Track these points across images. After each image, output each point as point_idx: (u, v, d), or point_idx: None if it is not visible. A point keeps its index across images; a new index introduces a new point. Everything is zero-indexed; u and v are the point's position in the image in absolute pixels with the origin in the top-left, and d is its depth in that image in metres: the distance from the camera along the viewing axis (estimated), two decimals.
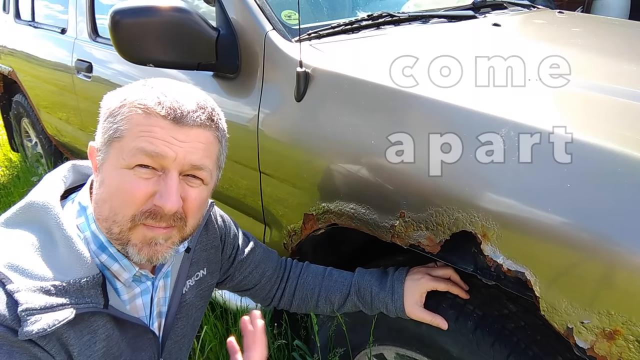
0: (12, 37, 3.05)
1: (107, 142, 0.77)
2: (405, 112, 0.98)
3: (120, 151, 0.75)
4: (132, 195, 0.75)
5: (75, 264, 0.74)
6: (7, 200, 3.05)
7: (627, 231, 0.68)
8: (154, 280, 0.88)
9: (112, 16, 1.17)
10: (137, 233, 0.77)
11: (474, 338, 0.96)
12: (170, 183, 0.75)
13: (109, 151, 0.77)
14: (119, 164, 0.75)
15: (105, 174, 0.77)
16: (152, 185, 0.75)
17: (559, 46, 1.38)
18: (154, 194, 0.76)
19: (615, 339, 0.70)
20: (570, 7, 2.47)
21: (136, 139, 0.74)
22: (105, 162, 0.77)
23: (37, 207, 0.78)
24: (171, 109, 0.75)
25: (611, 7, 4.27)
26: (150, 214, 0.76)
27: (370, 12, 1.43)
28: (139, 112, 0.75)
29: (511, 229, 0.79)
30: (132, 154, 0.74)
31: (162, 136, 0.74)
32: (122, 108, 0.76)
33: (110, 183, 0.76)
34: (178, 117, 0.75)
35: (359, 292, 1.09)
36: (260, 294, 1.16)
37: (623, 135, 0.80)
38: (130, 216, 0.75)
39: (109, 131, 0.76)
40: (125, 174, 0.75)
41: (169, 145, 0.75)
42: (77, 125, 2.43)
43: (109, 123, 0.77)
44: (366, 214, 1.03)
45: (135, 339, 0.85)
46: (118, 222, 0.76)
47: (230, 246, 1.10)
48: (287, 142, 1.20)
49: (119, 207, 0.75)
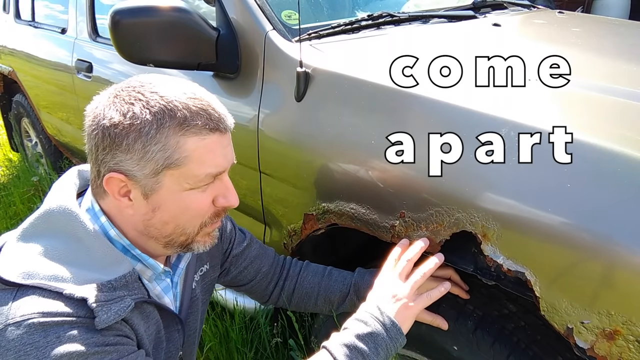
0: (12, 37, 3.05)
1: (159, 171, 0.75)
2: (405, 112, 0.98)
3: (183, 177, 0.77)
4: (202, 211, 0.81)
5: (114, 264, 0.77)
6: (7, 200, 3.05)
7: (627, 231, 0.68)
8: (172, 277, 0.90)
9: (112, 16, 1.17)
10: (202, 232, 0.84)
11: (474, 338, 0.96)
12: (229, 185, 0.83)
13: (161, 179, 0.76)
14: (181, 188, 0.77)
15: (163, 200, 0.78)
16: (210, 193, 0.81)
17: (559, 46, 1.38)
18: (213, 200, 0.82)
19: (615, 339, 0.70)
20: (570, 7, 2.47)
21: (201, 164, 0.77)
22: (158, 190, 0.77)
23: (59, 214, 0.77)
24: (215, 121, 0.77)
25: (611, 7, 4.27)
26: (216, 214, 0.84)
27: (370, 12, 1.43)
28: (190, 136, 0.75)
29: (511, 229, 0.79)
30: (201, 179, 0.78)
31: (220, 152, 0.79)
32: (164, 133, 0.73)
33: (173, 207, 0.78)
34: (222, 128, 0.79)
35: (359, 292, 1.09)
36: (256, 290, 1.17)
37: (623, 135, 0.80)
38: (199, 224, 0.82)
39: (159, 161, 0.74)
40: (190, 195, 0.78)
41: (224, 157, 0.81)
42: (77, 125, 2.43)
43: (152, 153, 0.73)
44: (366, 214, 1.03)
45: (169, 328, 0.89)
46: (187, 234, 0.82)
47: (226, 240, 1.11)
48: (287, 142, 1.20)
49: (187, 223, 0.81)
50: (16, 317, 0.67)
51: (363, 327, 0.84)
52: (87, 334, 0.69)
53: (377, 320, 0.85)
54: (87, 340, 0.68)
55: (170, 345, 0.89)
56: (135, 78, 0.79)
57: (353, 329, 0.84)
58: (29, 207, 2.91)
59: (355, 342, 0.82)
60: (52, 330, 0.67)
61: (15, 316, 0.67)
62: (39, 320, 0.67)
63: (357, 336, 0.83)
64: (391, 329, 0.84)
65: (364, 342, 0.82)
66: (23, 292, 0.69)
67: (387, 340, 0.83)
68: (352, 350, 0.81)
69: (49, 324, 0.67)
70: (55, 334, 0.67)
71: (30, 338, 0.66)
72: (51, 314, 0.68)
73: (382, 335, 0.83)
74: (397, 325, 0.85)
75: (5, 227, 2.72)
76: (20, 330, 0.66)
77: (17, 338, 0.65)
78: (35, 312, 0.67)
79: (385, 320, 0.85)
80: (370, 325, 0.84)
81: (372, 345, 0.82)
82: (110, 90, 0.79)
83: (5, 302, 0.69)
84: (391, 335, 0.84)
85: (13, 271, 0.71)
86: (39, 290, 0.69)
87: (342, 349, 0.82)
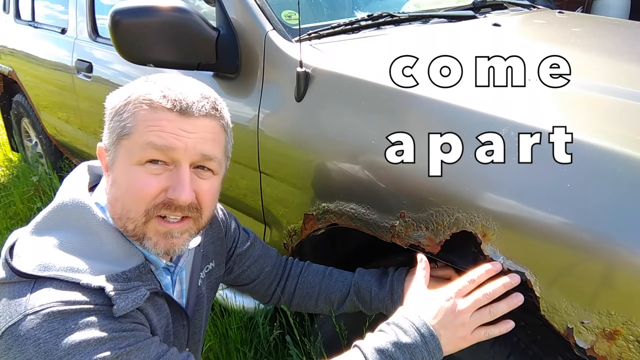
0: (12, 37, 3.05)
1: (116, 141, 0.77)
2: (405, 112, 0.98)
3: (130, 148, 0.76)
4: (144, 193, 0.76)
5: (126, 256, 0.78)
6: (7, 200, 3.05)
7: (627, 231, 0.68)
8: (172, 275, 0.91)
9: (112, 16, 1.18)
10: (151, 226, 0.78)
11: None
12: (183, 175, 0.76)
13: (118, 150, 0.77)
14: (129, 161, 0.76)
15: (116, 173, 0.78)
16: (163, 180, 0.76)
17: (559, 46, 1.38)
18: (166, 189, 0.77)
19: (615, 339, 0.71)
20: (570, 7, 2.47)
21: (145, 134, 0.75)
22: (115, 162, 0.78)
23: (73, 207, 0.78)
24: (176, 101, 0.76)
25: (611, 7, 4.27)
26: (164, 205, 0.77)
27: (370, 12, 1.43)
28: (144, 108, 0.75)
29: (511, 229, 0.79)
30: (142, 149, 0.75)
31: (170, 129, 0.75)
32: (127, 105, 0.76)
33: (122, 182, 0.77)
34: (184, 108, 0.76)
35: (359, 292, 1.09)
36: (259, 289, 1.17)
37: (623, 135, 0.80)
38: (144, 211, 0.77)
39: (117, 130, 0.77)
40: (136, 171, 0.76)
41: (177, 137, 0.75)
42: (77, 125, 2.43)
43: (115, 122, 0.77)
44: (366, 214, 1.03)
45: (176, 323, 0.89)
46: (132, 219, 0.77)
47: (230, 239, 1.11)
48: (287, 142, 1.20)
49: (131, 204, 0.77)
50: (35, 306, 0.68)
51: (402, 336, 0.79)
52: (105, 320, 0.70)
53: (417, 330, 0.80)
54: (105, 326, 0.70)
55: (175, 340, 0.90)
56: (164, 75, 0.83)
57: (391, 336, 0.80)
58: (29, 207, 2.91)
59: (392, 351, 0.78)
60: (70, 318, 0.68)
61: (34, 306, 0.68)
62: (58, 308, 0.68)
63: (394, 344, 0.78)
64: (430, 343, 0.79)
65: (402, 352, 0.78)
66: (40, 283, 0.70)
67: (424, 354, 0.79)
68: (388, 358, 0.78)
69: (67, 312, 0.68)
70: (73, 321, 0.68)
71: (49, 326, 0.66)
72: (69, 303, 0.69)
73: (420, 347, 0.79)
74: (437, 340, 0.80)
75: (5, 227, 2.72)
76: (39, 319, 0.67)
77: (36, 326, 0.66)
78: (53, 301, 0.68)
79: (425, 332, 0.80)
80: (410, 335, 0.79)
81: (409, 357, 0.78)
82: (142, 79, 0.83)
83: (24, 293, 0.70)
84: (430, 349, 0.79)
85: (29, 264, 0.72)
86: (56, 281, 0.70)
87: (377, 355, 0.78)
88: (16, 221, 2.81)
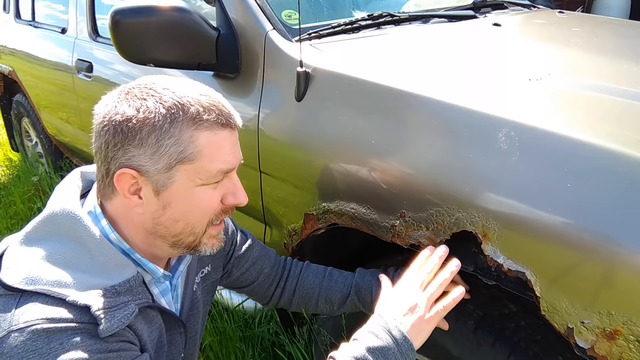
0: (12, 37, 3.05)
1: (173, 165, 0.75)
2: (405, 112, 0.98)
3: (195, 172, 0.77)
4: (211, 208, 0.81)
5: (117, 268, 0.77)
6: (7, 200, 3.05)
7: (627, 231, 0.68)
8: (171, 280, 0.90)
9: (113, 16, 1.17)
10: (208, 234, 0.83)
11: (475, 338, 0.96)
12: (238, 183, 0.84)
13: (174, 174, 0.76)
14: (193, 184, 0.77)
15: (174, 196, 0.77)
16: (220, 191, 0.81)
17: (559, 46, 1.38)
18: (222, 198, 0.82)
19: (616, 339, 0.71)
20: (570, 7, 2.47)
21: (213, 159, 0.77)
22: (170, 185, 0.76)
23: (63, 217, 0.77)
24: (226, 117, 0.79)
25: (611, 7, 4.27)
26: (224, 212, 0.83)
27: (370, 12, 1.43)
28: (202, 130, 0.76)
29: (512, 229, 0.79)
30: (213, 175, 0.78)
31: (229, 149, 0.80)
32: (178, 127, 0.74)
33: (185, 203, 0.78)
34: (233, 124, 0.80)
35: (359, 292, 1.09)
36: (258, 291, 1.16)
37: (623, 135, 0.80)
38: (207, 222, 0.82)
39: (173, 155, 0.74)
40: (201, 191, 0.78)
41: (234, 154, 0.81)
42: (77, 125, 2.43)
43: (166, 147, 0.73)
44: (366, 213, 1.03)
45: (171, 331, 0.89)
46: (195, 233, 0.81)
47: (228, 242, 1.10)
48: (288, 142, 1.20)
49: (197, 220, 0.80)
50: (19, 323, 0.66)
51: (374, 340, 0.80)
52: (90, 340, 0.69)
53: (389, 333, 0.81)
54: (90, 347, 0.68)
55: (172, 348, 0.89)
56: (145, 77, 0.80)
57: (364, 342, 0.81)
58: (29, 207, 2.91)
59: (366, 356, 0.79)
60: (55, 337, 0.66)
61: (18, 322, 0.66)
62: (42, 326, 0.66)
63: (367, 349, 0.79)
64: (402, 344, 0.81)
65: (374, 356, 0.79)
66: (26, 298, 0.69)
67: (397, 355, 0.80)
68: None
69: (52, 330, 0.66)
70: (58, 341, 0.66)
71: (33, 344, 0.65)
72: (54, 320, 0.67)
73: (394, 349, 0.80)
74: (409, 341, 0.81)
75: (5, 227, 2.72)
76: (23, 337, 0.65)
77: (20, 345, 0.65)
78: (38, 319, 0.67)
79: (397, 335, 0.81)
80: (382, 338, 0.81)
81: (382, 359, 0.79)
82: (119, 88, 0.78)
83: (9, 308, 0.68)
84: (402, 350, 0.81)
85: (16, 277, 0.70)
86: (43, 296, 0.69)
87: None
88: (16, 221, 2.82)
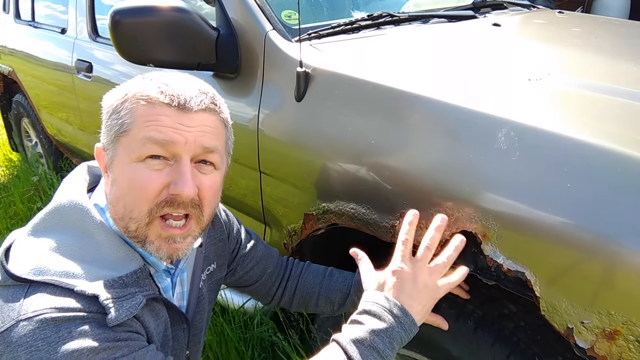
0: (12, 37, 3.05)
1: (114, 139, 0.76)
2: (405, 112, 0.98)
3: (129, 145, 0.75)
4: (146, 189, 0.74)
5: (124, 260, 0.77)
6: (7, 200, 3.05)
7: (627, 231, 0.68)
8: (172, 277, 0.90)
9: (112, 16, 1.17)
10: (154, 230, 0.77)
11: (474, 338, 0.96)
12: (184, 169, 0.75)
13: (116, 148, 0.76)
14: (128, 158, 0.75)
15: (116, 172, 0.77)
16: (164, 176, 0.75)
17: (558, 46, 1.38)
18: (168, 185, 0.75)
19: (616, 339, 0.70)
20: (570, 7, 2.47)
21: (143, 129, 0.74)
22: (114, 160, 0.77)
23: (70, 209, 0.77)
24: (174, 96, 0.75)
25: (611, 7, 4.27)
26: (167, 202, 0.76)
27: (370, 12, 1.43)
28: (142, 104, 0.75)
29: (511, 228, 0.79)
30: (142, 144, 0.74)
31: (169, 123, 0.75)
32: (125, 103, 0.76)
33: (122, 180, 0.76)
34: (182, 103, 0.75)
35: (359, 292, 1.09)
36: (260, 291, 1.17)
37: (623, 135, 0.80)
38: (147, 210, 0.75)
39: (114, 127, 0.76)
40: (137, 167, 0.75)
41: (177, 131, 0.75)
42: (77, 125, 2.43)
43: (113, 120, 0.77)
44: (366, 214, 1.03)
45: (175, 326, 0.88)
46: (134, 219, 0.76)
47: (233, 240, 1.11)
48: (287, 142, 1.20)
49: (134, 202, 0.75)
50: (28, 312, 0.67)
51: (378, 323, 0.79)
52: (99, 329, 0.69)
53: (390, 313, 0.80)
54: (98, 335, 0.68)
55: (175, 344, 0.89)
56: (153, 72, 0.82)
57: (367, 325, 0.79)
58: (29, 207, 2.91)
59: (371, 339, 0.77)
60: (64, 326, 0.67)
61: (27, 312, 0.67)
62: (51, 315, 0.67)
63: (372, 332, 0.78)
64: (405, 322, 0.80)
65: (380, 338, 0.78)
66: (35, 288, 0.69)
67: (402, 334, 0.79)
68: (368, 348, 0.77)
69: (60, 319, 0.67)
70: (67, 329, 0.67)
71: (42, 333, 0.66)
72: (63, 309, 0.68)
73: (397, 329, 0.79)
74: (411, 317, 0.81)
75: (5, 227, 2.72)
76: (32, 326, 0.66)
77: (28, 333, 0.65)
78: (47, 308, 0.67)
79: (398, 313, 0.80)
80: (385, 320, 0.79)
81: (388, 341, 0.78)
82: None
83: (17, 298, 0.69)
84: (406, 328, 0.80)
85: (24, 267, 0.71)
86: (51, 286, 0.69)
87: (356, 347, 0.77)
88: (16, 221, 2.81)
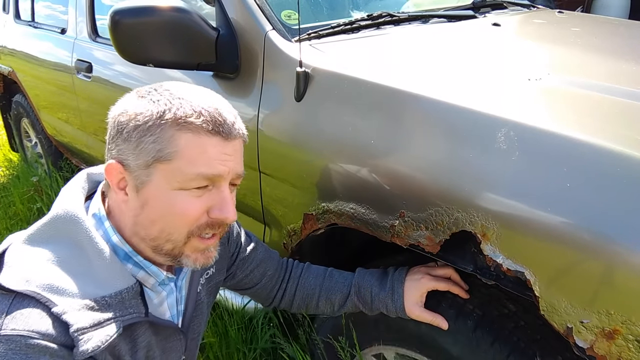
0: (12, 37, 3.05)
1: (150, 163, 0.74)
2: (404, 112, 0.98)
3: (171, 174, 0.74)
4: (188, 215, 0.76)
5: (113, 277, 0.76)
6: (7, 200, 3.05)
7: (627, 231, 0.68)
8: (176, 281, 0.90)
9: (112, 16, 1.17)
10: (190, 245, 0.79)
11: (474, 337, 0.96)
12: (226, 197, 0.78)
13: (151, 173, 0.75)
14: (169, 186, 0.75)
15: (150, 197, 0.76)
16: (204, 201, 0.77)
17: (558, 46, 1.38)
18: (208, 210, 0.77)
19: (615, 338, 0.71)
20: (570, 7, 2.47)
21: (192, 162, 0.74)
22: (146, 184, 0.75)
23: (65, 220, 0.76)
24: (218, 125, 0.75)
25: (611, 7, 4.27)
26: (209, 225, 0.78)
27: (369, 12, 1.43)
28: (185, 132, 0.73)
29: (511, 228, 0.79)
30: (191, 178, 0.74)
31: (215, 155, 0.75)
32: (163, 125, 0.73)
33: (159, 205, 0.76)
34: (225, 132, 0.76)
35: (360, 292, 1.09)
36: (261, 293, 1.16)
37: (623, 135, 0.80)
38: (186, 232, 0.77)
39: (150, 152, 0.73)
40: (179, 195, 0.75)
41: (223, 162, 0.76)
42: (76, 126, 2.43)
43: (147, 143, 0.73)
44: (366, 213, 1.03)
45: (166, 340, 0.87)
46: (172, 241, 0.77)
47: (233, 243, 1.10)
48: (287, 142, 1.20)
49: (173, 227, 0.77)
50: (7, 329, 0.66)
51: None
52: None
53: None
54: None
55: (170, 355, 0.89)
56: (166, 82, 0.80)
57: None
58: (29, 207, 2.91)
59: None
60: (33, 357, 0.66)
61: (6, 328, 0.66)
62: (26, 341, 0.66)
63: None
64: None
65: None
66: (19, 301, 0.69)
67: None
68: None
69: (32, 348, 0.66)
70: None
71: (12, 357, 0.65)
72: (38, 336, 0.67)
73: None
74: None
75: (4, 228, 2.72)
76: (6, 346, 0.65)
77: (1, 351, 0.65)
78: (25, 330, 0.66)
79: None
80: None
81: None
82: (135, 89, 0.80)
83: (2, 309, 0.68)
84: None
85: (12, 277, 0.70)
86: (33, 301, 0.69)
87: None
88: (16, 221, 2.81)
